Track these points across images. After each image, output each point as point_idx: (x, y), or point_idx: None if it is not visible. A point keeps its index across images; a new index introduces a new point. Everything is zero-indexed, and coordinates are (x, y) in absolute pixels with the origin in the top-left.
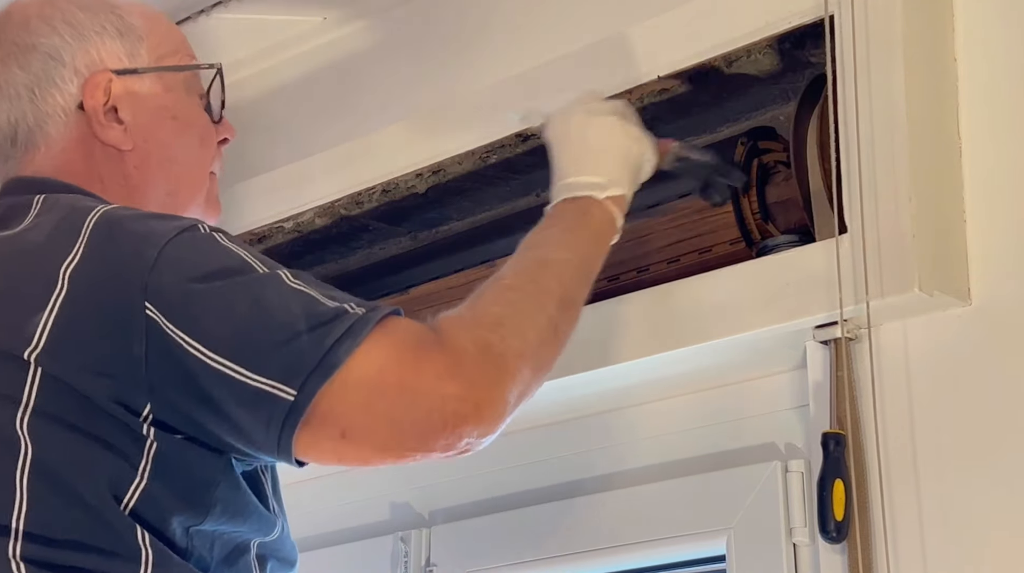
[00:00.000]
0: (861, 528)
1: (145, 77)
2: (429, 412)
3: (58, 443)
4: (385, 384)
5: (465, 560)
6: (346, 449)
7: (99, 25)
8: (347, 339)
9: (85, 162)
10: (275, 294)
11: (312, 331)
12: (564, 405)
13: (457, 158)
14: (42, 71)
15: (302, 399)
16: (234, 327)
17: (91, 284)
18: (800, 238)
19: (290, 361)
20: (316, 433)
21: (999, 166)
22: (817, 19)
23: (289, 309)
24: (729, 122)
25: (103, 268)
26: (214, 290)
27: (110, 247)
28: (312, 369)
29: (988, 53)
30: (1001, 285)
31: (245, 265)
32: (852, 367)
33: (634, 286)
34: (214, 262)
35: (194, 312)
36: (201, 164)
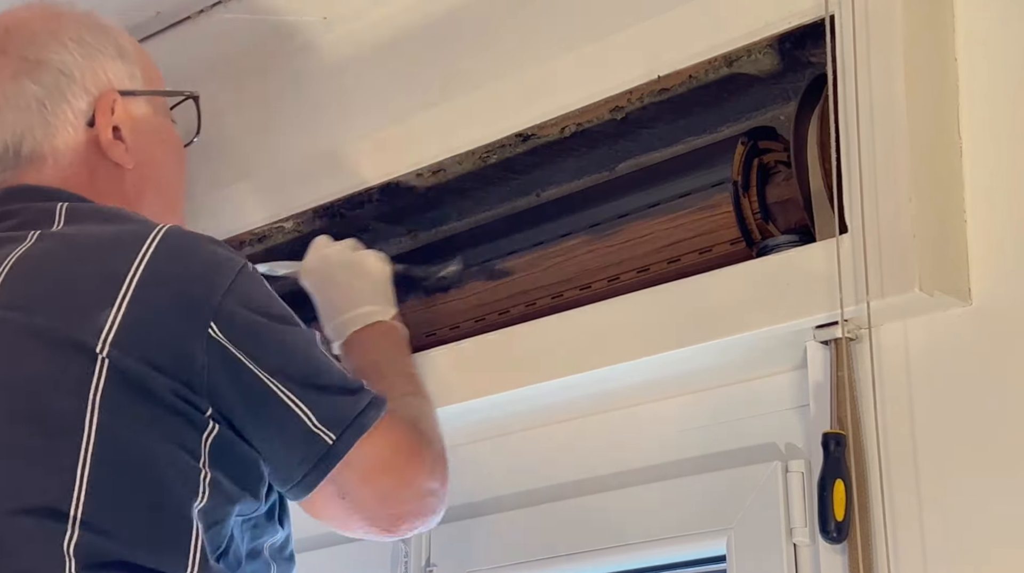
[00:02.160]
0: (861, 528)
1: (141, 99)
2: (412, 498)
3: (121, 433)
4: (391, 465)
5: (465, 560)
6: (337, 510)
7: (103, 45)
8: (373, 409)
9: (90, 176)
10: (319, 351)
11: (351, 393)
12: (564, 405)
13: (457, 158)
14: (54, 86)
15: (339, 447)
16: (297, 368)
17: (159, 293)
18: (800, 238)
19: (335, 411)
20: (334, 491)
21: (999, 166)
22: (817, 19)
23: (332, 367)
24: (729, 122)
25: (171, 281)
26: (277, 329)
27: (179, 264)
28: (350, 423)
29: (988, 53)
30: (1001, 285)
31: (292, 317)
32: (852, 367)
33: (634, 286)
34: (274, 305)
35: (260, 342)
36: (182, 184)
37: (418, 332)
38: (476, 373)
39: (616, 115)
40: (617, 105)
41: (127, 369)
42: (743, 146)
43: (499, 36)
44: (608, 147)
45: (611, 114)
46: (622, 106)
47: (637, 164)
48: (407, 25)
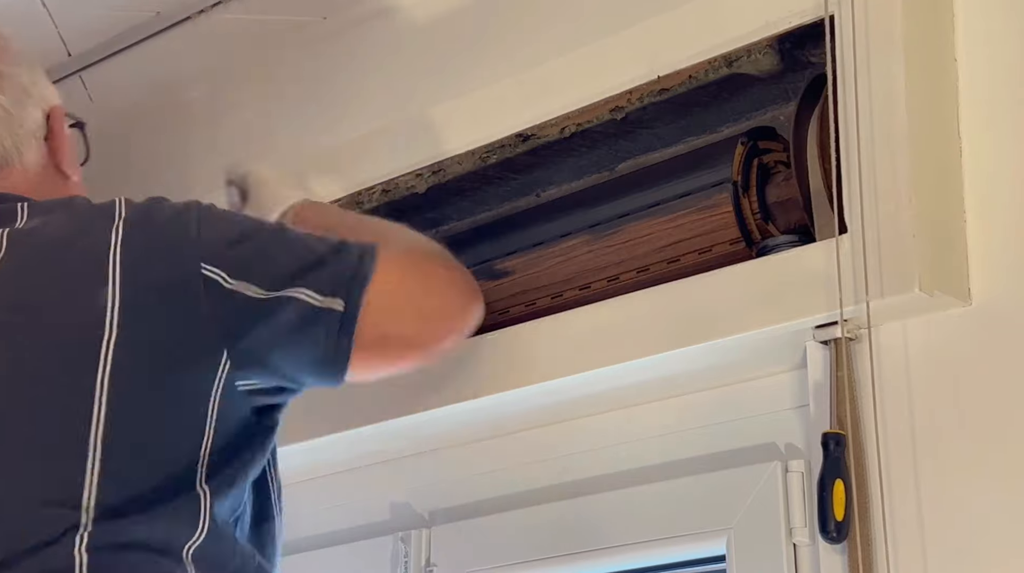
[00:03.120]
0: (861, 528)
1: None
2: (448, 303)
3: (130, 407)
4: (409, 288)
5: (465, 560)
6: (389, 356)
7: (37, 65)
8: (367, 257)
9: (48, 186)
10: (293, 234)
11: (338, 254)
12: (564, 405)
13: (457, 158)
14: (16, 98)
15: (351, 307)
16: (284, 265)
17: (144, 260)
18: (800, 238)
19: (333, 278)
20: (366, 342)
21: (999, 166)
22: (817, 19)
23: (310, 241)
24: (729, 122)
25: (150, 245)
26: (255, 242)
27: (149, 226)
28: (351, 279)
29: (988, 53)
30: (1001, 285)
31: (257, 220)
32: (852, 367)
33: (634, 286)
34: (239, 221)
35: (248, 263)
36: None
37: None
38: (476, 373)
39: (616, 115)
40: (617, 105)
41: (131, 344)
42: (743, 146)
43: (499, 36)
44: (608, 147)
45: (611, 114)
46: (622, 106)
47: (637, 164)
48: (407, 25)
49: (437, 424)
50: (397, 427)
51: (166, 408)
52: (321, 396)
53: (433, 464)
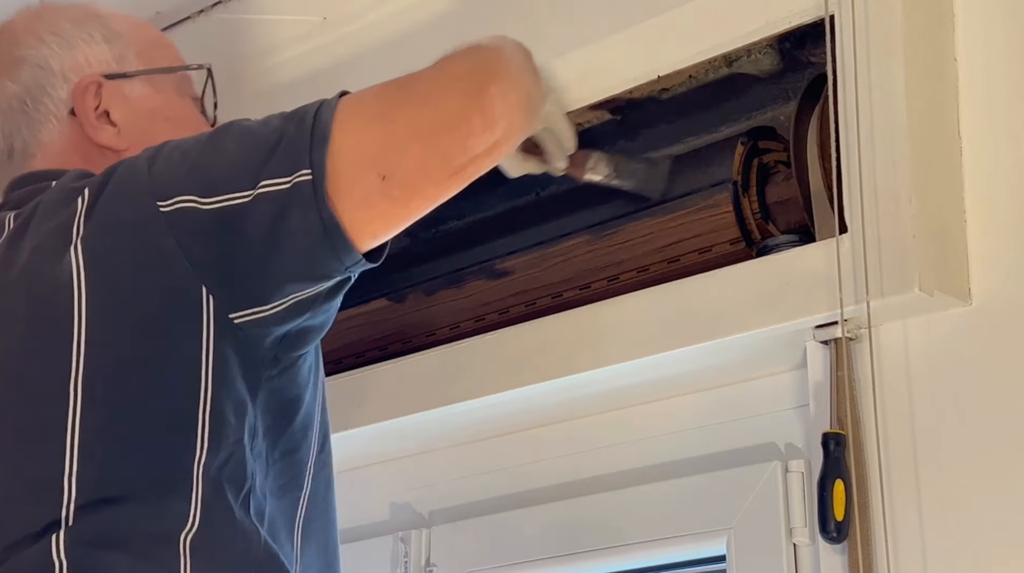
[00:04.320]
0: (861, 528)
1: (135, 80)
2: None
3: (111, 386)
4: (386, 114)
5: (465, 560)
6: (396, 189)
7: (86, 33)
8: (322, 112)
9: (83, 162)
10: (241, 127)
11: (287, 126)
12: (564, 405)
13: None
14: (32, 81)
15: (317, 172)
16: (235, 162)
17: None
18: (800, 238)
19: (290, 153)
20: (357, 197)
21: (999, 166)
22: (817, 19)
23: (260, 129)
24: (729, 122)
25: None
26: (202, 156)
27: (104, 180)
28: (309, 145)
29: (988, 53)
30: (1001, 285)
31: (203, 134)
32: (852, 367)
33: (634, 286)
34: (184, 146)
35: (197, 179)
36: None
37: (418, 332)
38: (476, 373)
39: (616, 115)
40: (617, 105)
41: (105, 297)
42: (743, 146)
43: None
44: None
45: (611, 114)
46: (622, 106)
47: None
48: (407, 25)
49: (437, 424)
50: (397, 427)
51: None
52: None
53: (433, 464)
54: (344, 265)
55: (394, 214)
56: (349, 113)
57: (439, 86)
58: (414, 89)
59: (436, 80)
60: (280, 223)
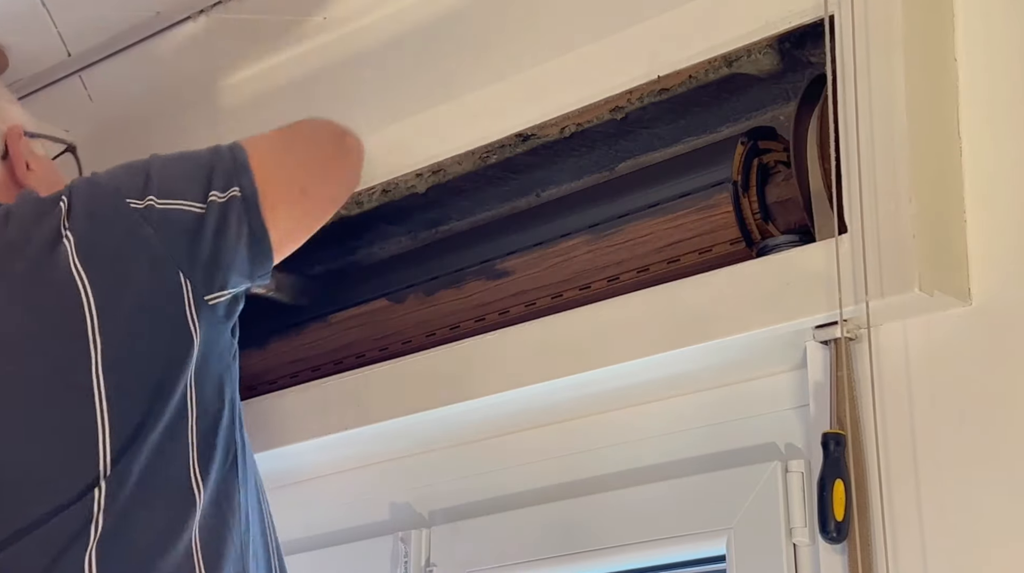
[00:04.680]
0: (861, 528)
1: (36, 140)
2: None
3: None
4: (293, 139)
5: (465, 560)
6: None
7: (7, 93)
8: (233, 147)
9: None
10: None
11: (215, 155)
12: (564, 405)
13: (457, 158)
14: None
15: (247, 189)
16: (190, 177)
17: (86, 214)
18: (800, 238)
19: (224, 174)
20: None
21: (999, 166)
22: (817, 19)
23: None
24: (729, 122)
25: (88, 204)
26: (155, 170)
27: (89, 197)
28: (234, 168)
29: (988, 53)
30: (1001, 285)
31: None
32: (852, 367)
33: (634, 286)
34: (136, 163)
35: (165, 184)
36: None
37: (418, 332)
38: (476, 373)
39: (616, 115)
40: (617, 105)
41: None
42: (743, 146)
43: (499, 36)
44: (608, 147)
45: (611, 114)
46: (622, 106)
47: (637, 164)
48: (407, 25)
49: (437, 424)
50: (397, 427)
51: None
52: (321, 397)
53: (433, 464)
54: (264, 269)
55: (308, 223)
56: (257, 148)
57: (315, 130)
58: (296, 131)
59: (310, 126)
60: (223, 227)
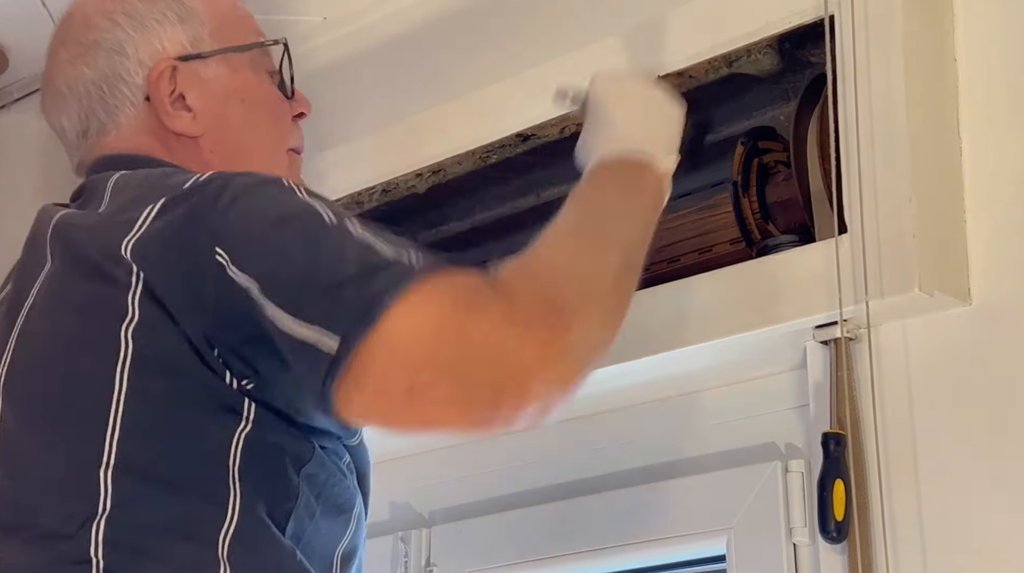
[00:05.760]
0: (861, 528)
1: (210, 61)
2: (491, 366)
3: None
4: (443, 337)
5: (465, 560)
6: (414, 407)
7: (159, 13)
8: (393, 287)
9: (162, 149)
10: (334, 241)
11: (360, 278)
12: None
13: (457, 158)
14: (107, 66)
15: (343, 350)
16: (287, 272)
17: (174, 225)
18: (800, 238)
19: (333, 309)
20: (377, 388)
21: (999, 166)
22: (817, 19)
23: (343, 256)
24: (729, 122)
25: (185, 211)
26: (277, 235)
27: (198, 196)
28: (354, 317)
29: (988, 53)
30: (1001, 285)
31: (313, 214)
32: (852, 367)
33: None
34: (283, 209)
35: (256, 256)
36: (276, 143)
37: None
38: None
39: None
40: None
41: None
42: (743, 146)
43: (499, 36)
44: None
45: None
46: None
47: None
48: (407, 25)
49: None
50: None
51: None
52: None
53: (433, 464)
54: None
55: (393, 423)
56: (423, 299)
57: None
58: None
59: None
60: (292, 356)
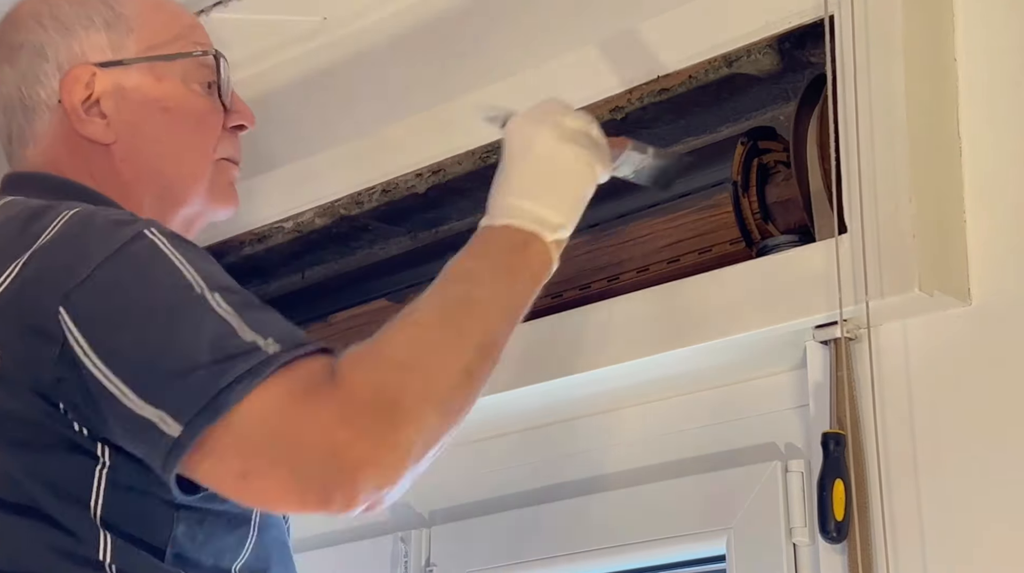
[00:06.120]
0: (861, 528)
1: (132, 69)
2: (322, 460)
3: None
4: (278, 430)
5: (465, 560)
6: (248, 491)
7: (86, 18)
8: (245, 379)
9: (71, 157)
10: (192, 320)
11: (213, 365)
12: (564, 405)
13: (457, 158)
14: (28, 68)
15: (186, 437)
16: (138, 351)
17: (29, 281)
18: (800, 238)
19: (182, 395)
20: (216, 467)
21: (999, 166)
22: (817, 19)
23: (198, 338)
24: (729, 122)
25: (45, 264)
26: (131, 310)
27: (59, 246)
28: (201, 407)
29: (988, 53)
30: (1001, 285)
31: (176, 284)
32: (852, 367)
33: (634, 286)
34: (145, 281)
35: (105, 328)
36: (198, 154)
37: None
38: None
39: (616, 115)
40: (617, 105)
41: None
42: (743, 146)
43: (499, 36)
44: None
45: (611, 114)
46: (622, 106)
47: None
48: (407, 25)
49: None
50: None
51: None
52: None
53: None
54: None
55: (230, 498)
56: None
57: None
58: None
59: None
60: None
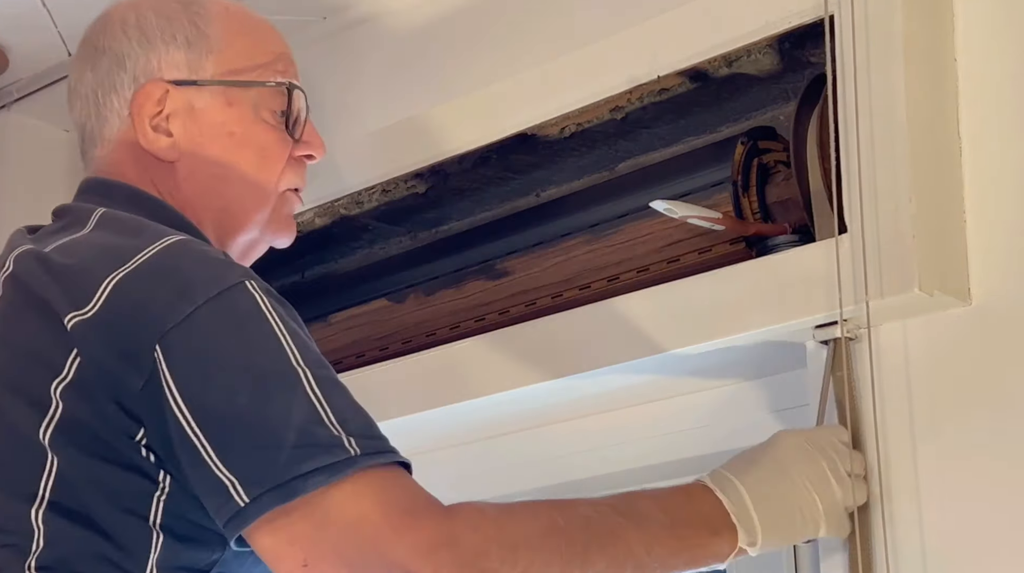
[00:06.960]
0: (861, 528)
1: (205, 90)
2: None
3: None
4: (362, 534)
5: None
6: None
7: (169, 34)
8: (324, 473)
9: (135, 166)
10: (285, 395)
11: (296, 449)
12: (564, 405)
13: (457, 158)
14: (106, 75)
15: (252, 510)
16: (227, 411)
17: (125, 305)
18: (800, 238)
19: (259, 469)
20: (279, 547)
21: (999, 166)
22: (817, 19)
23: (289, 417)
24: (729, 122)
25: (141, 294)
26: (226, 367)
27: (157, 276)
28: (274, 485)
29: (988, 53)
30: (1001, 285)
31: (272, 349)
32: (852, 367)
33: (634, 286)
34: (244, 338)
35: (198, 379)
36: (261, 182)
37: (418, 332)
38: (476, 373)
39: (616, 115)
40: (617, 105)
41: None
42: (743, 146)
43: (499, 36)
44: (608, 147)
45: (611, 114)
46: (622, 106)
47: (637, 164)
48: (407, 25)
49: (437, 424)
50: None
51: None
52: None
53: (433, 464)
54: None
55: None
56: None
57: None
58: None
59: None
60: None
